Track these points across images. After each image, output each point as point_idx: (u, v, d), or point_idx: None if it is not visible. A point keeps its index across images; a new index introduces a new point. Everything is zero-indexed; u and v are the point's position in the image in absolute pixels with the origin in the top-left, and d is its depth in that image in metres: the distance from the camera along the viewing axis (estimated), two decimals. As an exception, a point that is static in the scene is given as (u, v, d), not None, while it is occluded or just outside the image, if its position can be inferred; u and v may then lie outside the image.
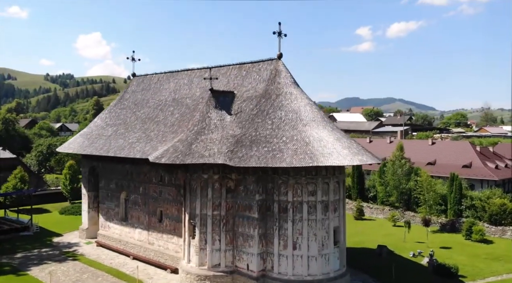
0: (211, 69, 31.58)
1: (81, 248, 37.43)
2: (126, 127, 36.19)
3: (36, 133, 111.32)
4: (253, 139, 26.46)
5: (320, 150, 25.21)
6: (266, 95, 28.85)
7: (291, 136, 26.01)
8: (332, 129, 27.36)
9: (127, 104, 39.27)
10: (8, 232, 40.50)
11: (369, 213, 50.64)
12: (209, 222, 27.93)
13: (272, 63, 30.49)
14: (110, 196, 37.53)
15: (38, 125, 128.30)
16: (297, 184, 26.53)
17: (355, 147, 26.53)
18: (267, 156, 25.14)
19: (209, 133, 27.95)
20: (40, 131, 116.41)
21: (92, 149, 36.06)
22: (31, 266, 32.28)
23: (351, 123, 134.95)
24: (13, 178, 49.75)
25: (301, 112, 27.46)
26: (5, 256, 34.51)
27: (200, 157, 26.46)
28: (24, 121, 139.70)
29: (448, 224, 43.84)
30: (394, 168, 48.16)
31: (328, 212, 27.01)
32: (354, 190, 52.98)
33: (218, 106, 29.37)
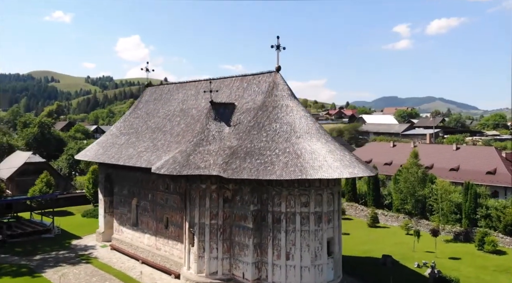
0: (211, 82, 32.52)
1: (96, 251, 39.29)
2: (137, 136, 37.74)
3: (71, 136, 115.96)
4: (248, 151, 27.18)
5: (311, 162, 25.64)
6: (263, 108, 29.52)
7: (283, 149, 26.57)
8: (326, 142, 27.70)
9: (140, 113, 40.86)
10: (31, 234, 42.97)
11: (384, 221, 50.22)
12: (207, 230, 28.89)
13: (271, 76, 31.12)
14: (123, 202, 39.20)
15: (74, 128, 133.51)
16: (290, 195, 27.07)
17: (348, 159, 26.77)
18: (259, 168, 25.81)
19: (207, 144, 28.91)
20: (75, 134, 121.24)
21: (105, 157, 37.81)
22: (46, 268, 34.23)
23: (380, 126, 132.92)
24: (40, 181, 52.53)
25: (295, 125, 27.96)
26: (25, 258, 36.74)
27: (196, 168, 27.45)
28: (61, 124, 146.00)
29: (462, 234, 42.97)
30: (407, 175, 47.63)
31: (322, 223, 27.38)
32: (369, 196, 52.69)
33: (217, 118, 30.28)
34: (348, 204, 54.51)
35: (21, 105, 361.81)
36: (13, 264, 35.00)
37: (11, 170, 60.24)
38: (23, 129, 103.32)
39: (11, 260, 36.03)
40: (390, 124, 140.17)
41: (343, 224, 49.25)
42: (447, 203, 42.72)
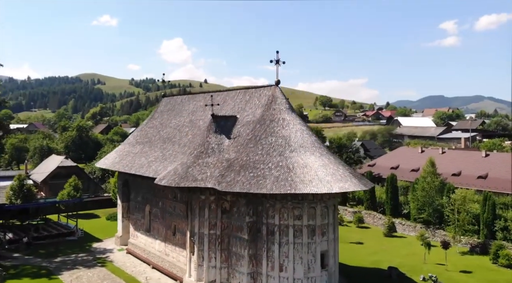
0: (212, 96, 33.46)
1: (113, 254, 41.25)
2: (150, 145, 39.34)
3: (109, 138, 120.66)
4: (243, 165, 27.95)
5: (302, 176, 26.09)
6: (262, 121, 30.18)
7: (276, 163, 27.15)
8: (321, 155, 28.00)
9: (155, 123, 42.49)
10: (56, 236, 45.61)
11: (401, 230, 49.51)
12: (206, 240, 29.89)
13: (271, 90, 31.73)
14: (138, 208, 40.96)
15: (112, 130, 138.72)
16: (284, 208, 27.61)
17: (340, 174, 26.98)
18: (251, 181, 26.52)
19: (206, 157, 29.90)
20: (113, 137, 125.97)
21: (120, 165, 39.67)
22: (64, 270, 36.38)
23: (415, 129, 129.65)
24: (68, 185, 55.48)
25: (290, 138, 28.45)
26: (46, 260, 39.15)
27: (193, 181, 28.51)
28: (101, 127, 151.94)
29: (478, 246, 41.80)
30: (424, 184, 46.78)
31: (315, 236, 27.74)
32: (387, 205, 52.03)
33: (218, 130, 31.21)
34: (367, 212, 54.06)
35: (69, 106, 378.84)
36: (34, 266, 37.41)
37: (44, 174, 63.85)
38: (63, 133, 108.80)
39: (33, 262, 38.51)
40: (426, 127, 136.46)
41: (359, 232, 49.59)
42: (463, 214, 41.64)
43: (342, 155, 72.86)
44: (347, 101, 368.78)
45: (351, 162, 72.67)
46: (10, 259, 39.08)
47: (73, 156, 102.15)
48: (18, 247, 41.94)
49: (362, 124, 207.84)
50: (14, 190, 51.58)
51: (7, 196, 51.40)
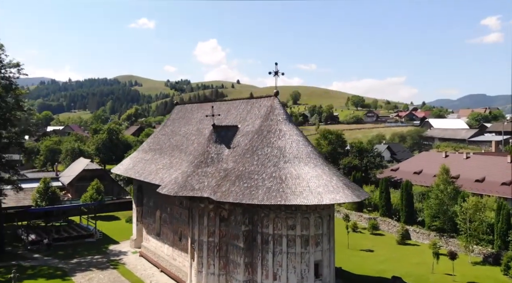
0: (213, 107, 34.27)
1: (126, 257, 42.88)
2: (160, 153, 40.69)
3: (139, 140, 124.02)
4: (239, 175, 28.64)
5: (293, 188, 26.50)
6: (259, 131, 30.76)
7: (270, 173, 27.67)
8: (315, 166, 28.29)
9: (166, 131, 43.84)
10: (75, 238, 47.79)
11: (415, 238, 48.84)
12: (205, 247, 30.76)
13: (270, 100, 32.27)
14: (149, 213, 42.42)
15: (144, 132, 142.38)
16: (277, 218, 28.09)
17: (333, 185, 27.18)
18: (245, 192, 27.15)
19: (205, 166, 30.77)
20: (143, 139, 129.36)
21: (132, 171, 41.23)
22: (78, 272, 38.20)
23: (446, 131, 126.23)
24: (91, 188, 57.85)
25: (285, 149, 28.89)
26: (63, 261, 41.18)
27: (191, 190, 29.45)
28: (134, 129, 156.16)
29: (491, 256, 40.77)
30: (437, 192, 46.02)
31: (308, 246, 28.05)
32: (402, 212, 51.41)
33: (218, 140, 32.02)
34: (382, 219, 53.58)
35: (107, 108, 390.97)
36: (51, 267, 39.48)
37: (71, 177, 66.73)
38: (94, 135, 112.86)
39: (51, 263, 40.61)
40: (457, 130, 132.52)
41: (372, 239, 49.31)
42: (474, 224, 40.73)
43: (363, 159, 72.21)
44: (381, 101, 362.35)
45: (372, 167, 71.93)
46: (30, 259, 41.38)
47: (103, 158, 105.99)
48: (39, 248, 44.28)
49: (394, 125, 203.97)
50: (40, 192, 54.31)
51: (33, 198, 54.18)
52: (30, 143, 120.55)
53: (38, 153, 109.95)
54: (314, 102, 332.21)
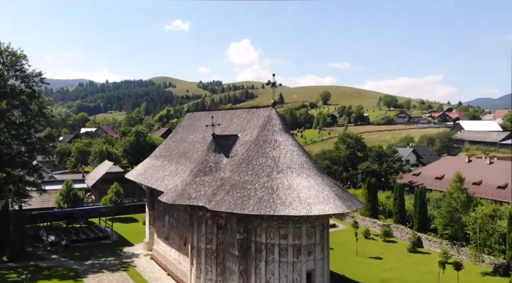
0: (212, 117, 35.09)
1: (138, 259, 44.38)
2: (169, 160, 41.91)
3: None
4: (233, 184, 29.34)
5: (283, 198, 26.95)
6: (256, 141, 31.34)
7: (262, 183, 28.22)
8: (307, 177, 28.60)
9: (176, 138, 45.08)
10: (93, 240, 49.76)
11: (427, 246, 48.10)
12: (203, 254, 31.65)
13: (267, 111, 32.79)
14: (159, 217, 43.76)
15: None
16: (270, 227, 28.60)
17: (324, 195, 27.44)
18: (237, 201, 27.82)
19: (203, 175, 31.66)
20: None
21: (142, 177, 42.68)
22: (90, 273, 39.91)
23: (477, 134, 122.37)
24: (111, 191, 59.99)
25: (279, 160, 29.34)
26: (78, 262, 43.04)
27: (187, 198, 30.41)
28: (163, 131, 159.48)
29: (501, 267, 39.74)
30: (450, 200, 45.19)
31: (301, 256, 28.41)
32: (415, 219, 50.70)
33: (217, 149, 32.84)
34: (395, 226, 52.97)
35: (142, 109, 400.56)
36: (66, 268, 41.39)
37: (95, 179, 69.34)
38: (122, 137, 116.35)
39: (67, 264, 42.55)
40: (488, 132, 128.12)
41: (384, 247, 48.95)
42: (485, 233, 39.84)
43: (382, 164, 71.39)
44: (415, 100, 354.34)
45: (391, 171, 71.01)
46: (48, 260, 43.49)
47: (131, 159, 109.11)
48: (57, 249, 46.42)
49: (426, 126, 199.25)
50: (62, 194, 56.85)
51: (56, 200, 56.78)
52: (62, 145, 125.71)
53: (69, 154, 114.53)
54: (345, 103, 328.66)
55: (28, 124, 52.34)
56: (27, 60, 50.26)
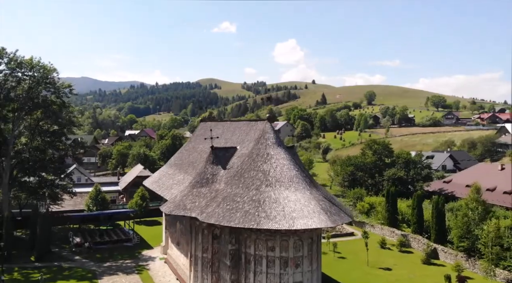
0: (211, 130, 36.29)
1: (153, 263, 46.42)
2: (179, 168, 43.66)
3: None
4: (225, 196, 30.47)
5: (268, 212, 27.77)
6: (250, 154, 32.28)
7: (251, 196, 29.16)
8: (295, 190, 29.23)
9: (189, 147, 46.76)
10: (115, 242, 52.47)
11: (443, 257, 46.95)
12: (200, 262, 33.00)
13: (263, 124, 33.60)
14: (172, 223, 45.54)
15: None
16: (258, 239, 29.49)
17: (309, 209, 27.96)
18: (225, 214, 28.93)
19: (200, 186, 32.99)
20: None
21: (155, 184, 44.70)
22: (105, 275, 42.30)
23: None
24: (137, 195, 62.77)
25: (269, 173, 30.14)
26: (97, 264, 45.65)
27: (182, 209, 31.84)
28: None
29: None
30: (466, 211, 43.95)
31: (288, 268, 29.09)
32: (432, 230, 49.54)
33: (215, 161, 34.08)
34: (412, 236, 51.96)
35: (188, 110, 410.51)
36: (85, 269, 44.05)
37: (126, 183, 72.72)
38: (159, 141, 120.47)
39: (87, 265, 45.26)
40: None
41: (398, 257, 48.43)
42: (496, 248, 38.53)
43: (409, 171, 69.89)
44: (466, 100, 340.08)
45: (418, 179, 69.37)
46: (70, 261, 46.46)
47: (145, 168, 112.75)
48: (81, 250, 49.43)
49: (474, 129, 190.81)
50: (91, 197, 60.31)
51: (86, 203, 60.29)
52: (105, 147, 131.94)
53: (111, 156, 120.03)
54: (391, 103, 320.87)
55: (59, 132, 56.16)
56: (58, 73, 53.92)
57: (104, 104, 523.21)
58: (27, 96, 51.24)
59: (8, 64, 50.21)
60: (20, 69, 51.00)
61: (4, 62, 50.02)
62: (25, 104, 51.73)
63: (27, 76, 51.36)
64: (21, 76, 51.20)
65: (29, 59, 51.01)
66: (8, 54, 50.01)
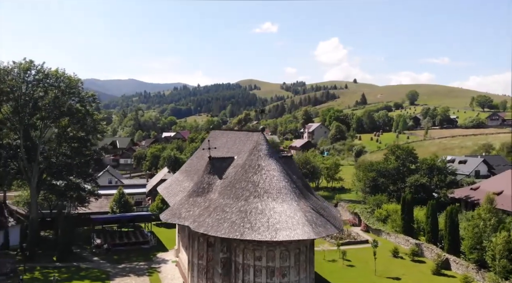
0: (209, 141, 37.39)
1: (165, 266, 48.21)
2: (187, 176, 45.16)
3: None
4: (216, 206, 31.56)
5: (253, 223, 28.61)
6: (243, 165, 33.19)
7: (239, 207, 30.10)
8: (282, 202, 29.89)
9: (199, 154, 48.14)
10: (133, 244, 54.78)
11: (455, 268, 45.85)
12: (195, 268, 34.28)
13: (257, 136, 34.40)
14: (182, 227, 46.98)
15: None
16: (246, 248, 30.37)
17: (294, 221, 28.55)
18: (214, 224, 30.02)
19: (196, 196, 34.26)
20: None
21: (165, 191, 46.45)
22: (118, 277, 44.42)
23: None
24: (158, 198, 65.12)
25: (258, 184, 30.94)
26: (113, 265, 47.96)
27: (177, 218, 33.20)
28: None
29: (522, 299, 37.02)
30: (478, 221, 42.84)
31: (274, 277, 29.79)
32: (445, 240, 48.46)
33: (212, 171, 35.23)
34: (426, 245, 50.95)
35: (227, 111, 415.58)
36: (101, 270, 46.40)
37: (151, 185, 75.48)
38: (190, 143, 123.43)
39: (103, 266, 47.63)
40: None
41: (408, 267, 47.97)
42: (503, 261, 37.38)
43: (433, 177, 68.27)
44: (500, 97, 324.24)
45: (442, 185, 67.62)
46: (89, 262, 49.06)
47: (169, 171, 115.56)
48: (100, 251, 52.04)
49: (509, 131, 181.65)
50: (115, 200, 63.24)
51: (110, 206, 63.28)
52: (140, 149, 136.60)
53: (145, 158, 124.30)
54: (434, 103, 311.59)
55: (85, 138, 59.29)
56: (82, 83, 57.09)
57: (148, 105, 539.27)
58: (53, 105, 54.49)
59: (36, 75, 53.70)
60: (47, 80, 54.34)
61: (32, 74, 53.53)
62: (51, 112, 55.02)
63: (53, 87, 54.58)
64: (47, 87, 54.49)
65: (55, 70, 54.24)
66: (36, 66, 53.45)
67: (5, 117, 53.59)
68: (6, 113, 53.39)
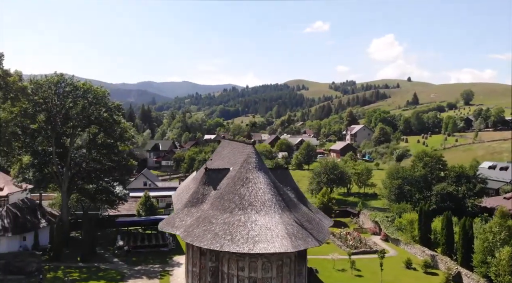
0: (213, 151, 38.66)
1: (177, 269, 49.93)
2: (196, 182, 46.63)
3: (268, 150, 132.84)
4: (205, 217, 32.99)
5: (234, 235, 29.79)
6: (234, 177, 34.39)
7: (223, 219, 31.36)
8: (265, 214, 30.83)
9: (209, 162, 49.85)
10: (153, 246, 57.37)
11: (466, 282, 44.42)
12: (190, 275, 35.88)
13: (249, 148, 35.44)
14: (194, 234, 49.10)
15: (279, 142, 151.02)
16: (231, 259, 31.55)
17: (273, 234, 29.45)
18: (200, 235, 31.45)
19: (191, 206, 35.86)
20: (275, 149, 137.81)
21: (176, 197, 48.48)
22: (131, 278, 46.82)
23: None
24: (182, 203, 67.56)
25: (244, 197, 32.05)
26: (129, 267, 50.59)
27: (171, 226, 34.92)
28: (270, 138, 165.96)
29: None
30: (488, 235, 41.43)
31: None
32: (459, 252, 47.03)
33: (207, 182, 36.69)
34: (441, 257, 49.63)
35: (273, 112, 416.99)
36: (118, 271, 49.12)
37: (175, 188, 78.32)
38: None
39: (120, 268, 50.37)
40: None
41: (418, 278, 47.57)
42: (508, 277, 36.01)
43: (461, 185, 65.93)
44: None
45: (471, 194, 65.15)
46: (109, 263, 52.06)
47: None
48: (121, 253, 55.01)
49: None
50: (142, 203, 66.45)
51: (137, 209, 66.55)
52: (179, 152, 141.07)
53: (183, 160, 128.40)
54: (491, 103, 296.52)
55: (113, 145, 62.86)
56: (109, 94, 60.74)
57: (199, 107, 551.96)
58: (82, 115, 58.35)
59: (66, 87, 57.79)
60: (76, 92, 58.29)
61: (62, 86, 57.66)
62: (81, 121, 58.95)
63: (82, 98, 58.43)
64: (76, 98, 58.40)
65: (83, 83, 58.18)
66: (66, 80, 57.55)
67: (39, 126, 57.99)
68: (40, 122, 57.78)
